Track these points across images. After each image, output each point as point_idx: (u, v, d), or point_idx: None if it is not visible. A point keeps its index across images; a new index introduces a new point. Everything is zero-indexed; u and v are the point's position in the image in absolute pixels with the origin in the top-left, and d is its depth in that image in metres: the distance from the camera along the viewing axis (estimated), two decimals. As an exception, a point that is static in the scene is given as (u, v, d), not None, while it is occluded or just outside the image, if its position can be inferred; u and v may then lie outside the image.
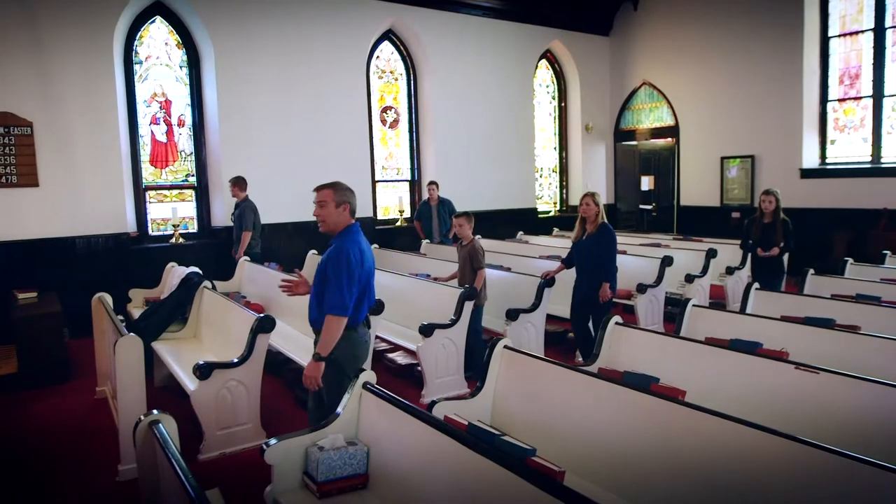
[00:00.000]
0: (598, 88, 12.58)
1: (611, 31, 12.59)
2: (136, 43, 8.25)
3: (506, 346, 3.68)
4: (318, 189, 3.39)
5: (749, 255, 6.83)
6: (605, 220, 5.45)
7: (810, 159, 10.07)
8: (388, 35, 10.30)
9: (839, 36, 9.86)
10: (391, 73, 10.51)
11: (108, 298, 5.36)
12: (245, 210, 7.65)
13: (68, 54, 7.35)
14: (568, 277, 5.83)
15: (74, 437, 4.64)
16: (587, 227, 5.46)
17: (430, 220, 9.26)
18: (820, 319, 4.29)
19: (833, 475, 2.27)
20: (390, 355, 6.18)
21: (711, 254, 7.40)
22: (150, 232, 8.44)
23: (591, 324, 5.56)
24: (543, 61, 12.19)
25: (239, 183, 7.74)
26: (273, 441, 2.98)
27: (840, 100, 9.93)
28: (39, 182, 7.21)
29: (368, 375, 3.24)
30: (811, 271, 6.19)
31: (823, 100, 10.04)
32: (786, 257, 6.64)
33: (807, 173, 9.99)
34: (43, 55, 7.21)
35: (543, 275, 5.92)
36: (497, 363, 3.64)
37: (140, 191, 8.36)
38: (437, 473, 2.62)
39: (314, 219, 3.48)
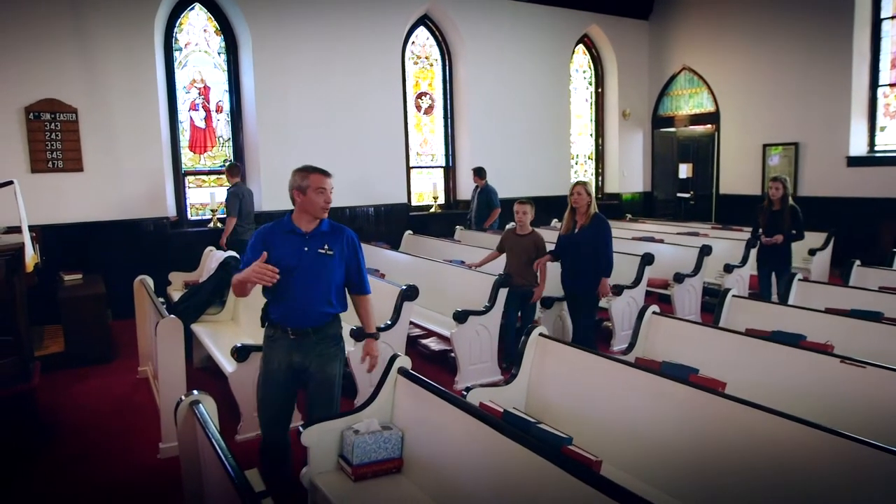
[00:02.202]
0: (637, 74, 12.33)
1: (650, 14, 12.31)
2: (175, 30, 8.38)
3: (541, 334, 3.66)
4: (329, 175, 3.09)
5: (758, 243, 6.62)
6: (598, 211, 5.14)
7: (858, 147, 9.72)
8: (424, 20, 10.26)
9: (892, 18, 9.46)
10: (426, 58, 10.47)
11: (150, 281, 5.48)
12: (230, 196, 7.48)
13: (111, 42, 7.50)
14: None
15: (118, 414, 4.78)
16: (578, 218, 5.14)
17: (472, 205, 9.26)
18: (867, 312, 4.15)
19: (878, 472, 2.20)
20: (424, 341, 6.21)
21: (751, 243, 7.21)
22: (189, 216, 8.61)
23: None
24: (580, 46, 12.00)
25: (230, 169, 7.67)
26: (309, 423, 3.02)
27: (891, 85, 9.54)
28: (84, 167, 7.40)
29: (403, 361, 3.25)
30: (857, 262, 5.99)
31: (874, 85, 9.66)
32: (794, 247, 6.44)
33: (854, 161, 9.64)
34: (86, 43, 7.37)
35: (535, 266, 5.41)
36: (532, 351, 3.62)
37: (179, 176, 8.52)
38: (472, 460, 2.62)
39: (350, 205, 3.45)
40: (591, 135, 12.46)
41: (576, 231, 5.13)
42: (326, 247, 3.06)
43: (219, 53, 8.73)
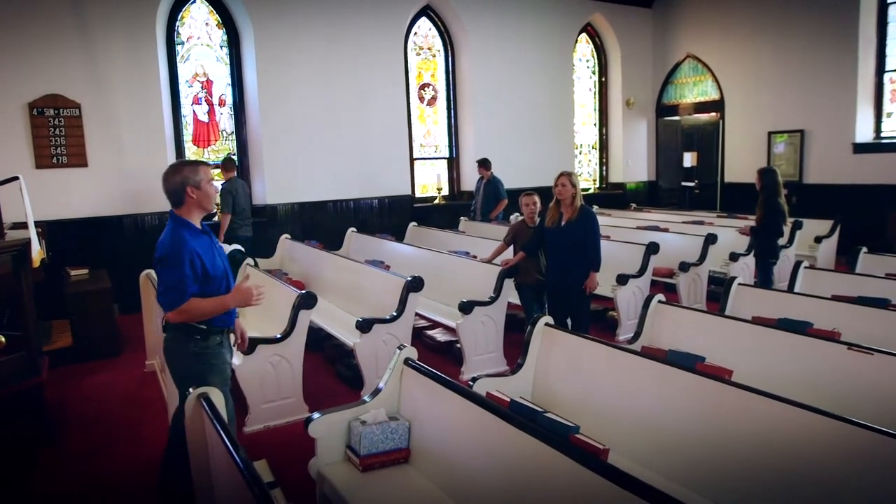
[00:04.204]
0: (640, 62, 12.25)
1: (653, 2, 12.21)
2: (177, 24, 8.35)
3: (547, 324, 3.66)
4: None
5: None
6: (583, 202, 4.91)
7: (864, 133, 9.66)
8: (426, 11, 10.20)
9: (898, 2, 9.39)
10: (429, 49, 10.43)
11: (155, 275, 5.49)
12: (223, 193, 7.36)
13: (113, 37, 7.49)
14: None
15: (125, 408, 4.81)
16: (563, 210, 4.89)
17: (476, 196, 9.21)
18: (874, 299, 4.13)
19: (885, 458, 2.20)
20: (429, 332, 6.21)
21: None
22: (193, 210, 8.59)
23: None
24: (584, 35, 11.92)
25: (225, 164, 7.59)
26: (317, 415, 3.03)
27: (898, 70, 9.49)
28: (88, 162, 7.41)
29: (409, 351, 3.26)
30: (864, 250, 5.97)
31: (880, 70, 9.59)
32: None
33: (860, 148, 9.58)
34: (89, 38, 7.36)
35: (503, 263, 5.39)
36: (538, 341, 3.62)
37: (183, 170, 8.50)
38: (479, 449, 2.62)
39: (353, 197, 3.42)
40: (595, 124, 12.40)
41: (563, 224, 4.89)
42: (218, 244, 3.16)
43: (221, 47, 8.71)
